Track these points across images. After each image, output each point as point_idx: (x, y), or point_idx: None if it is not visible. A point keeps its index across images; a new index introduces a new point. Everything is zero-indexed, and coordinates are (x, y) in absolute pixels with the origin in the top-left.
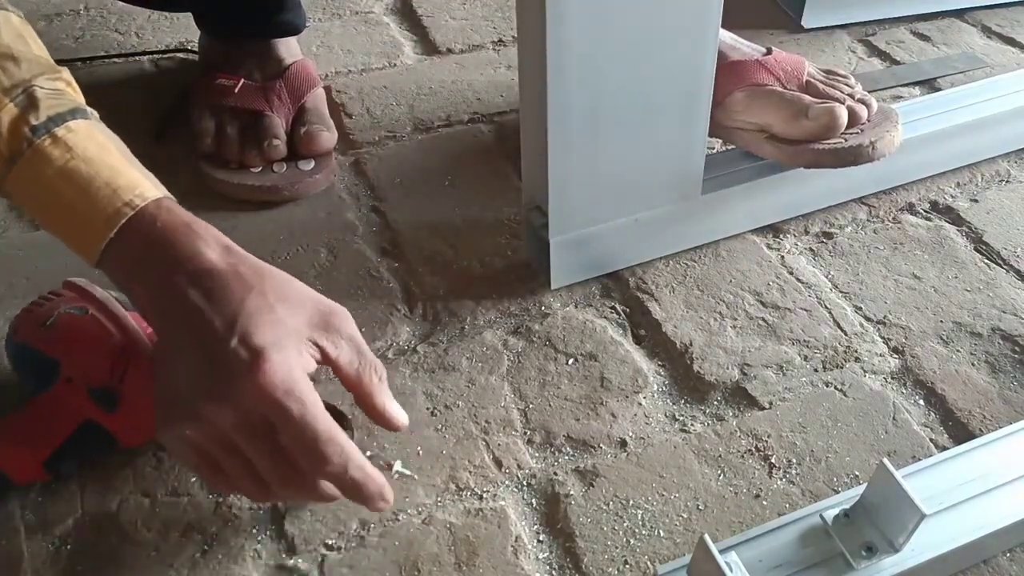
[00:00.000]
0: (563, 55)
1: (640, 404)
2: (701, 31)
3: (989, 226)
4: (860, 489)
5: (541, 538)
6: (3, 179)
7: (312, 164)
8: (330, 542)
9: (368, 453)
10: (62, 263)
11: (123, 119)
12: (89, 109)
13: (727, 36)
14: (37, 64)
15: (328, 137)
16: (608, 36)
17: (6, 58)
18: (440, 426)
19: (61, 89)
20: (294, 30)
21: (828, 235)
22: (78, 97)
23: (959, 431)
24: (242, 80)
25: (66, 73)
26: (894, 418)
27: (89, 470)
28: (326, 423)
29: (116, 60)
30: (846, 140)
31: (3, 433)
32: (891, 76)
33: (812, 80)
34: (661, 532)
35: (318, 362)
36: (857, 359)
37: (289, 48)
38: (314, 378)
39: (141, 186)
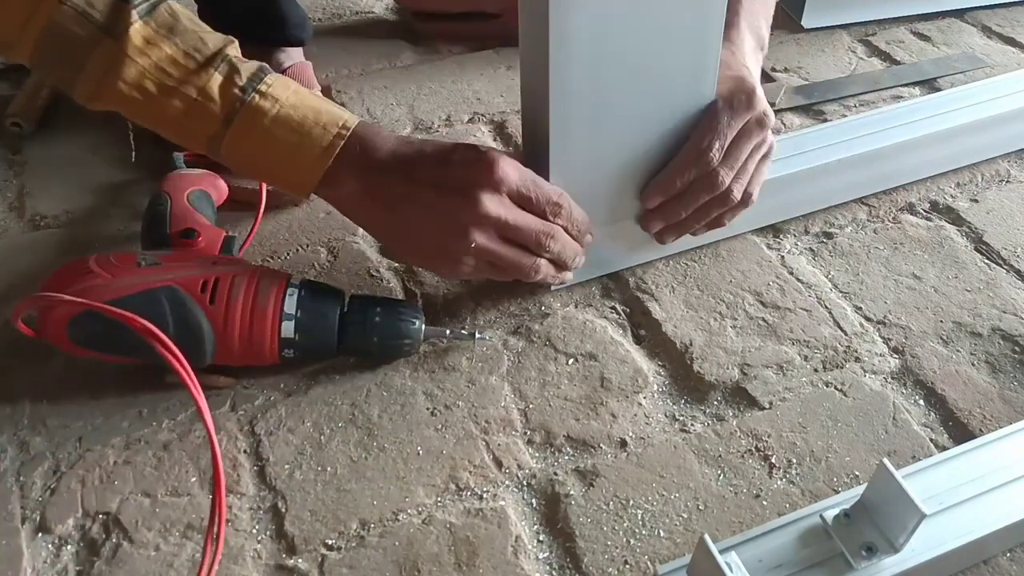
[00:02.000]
0: (565, 58)
1: (640, 404)
2: (704, 35)
3: (989, 226)
4: (860, 489)
5: (541, 538)
6: (221, 139)
7: None
8: (330, 542)
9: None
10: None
11: (123, 119)
12: (265, 64)
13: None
14: (218, 36)
15: None
16: (610, 39)
17: (199, 33)
18: (440, 426)
19: (239, 53)
20: (296, 42)
21: (828, 235)
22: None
23: (959, 431)
24: None
25: (233, 41)
26: (894, 418)
27: (90, 470)
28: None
29: None
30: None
31: None
32: (891, 76)
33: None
34: (661, 532)
35: None
36: (857, 359)
37: (288, 52)
38: None
39: (342, 117)
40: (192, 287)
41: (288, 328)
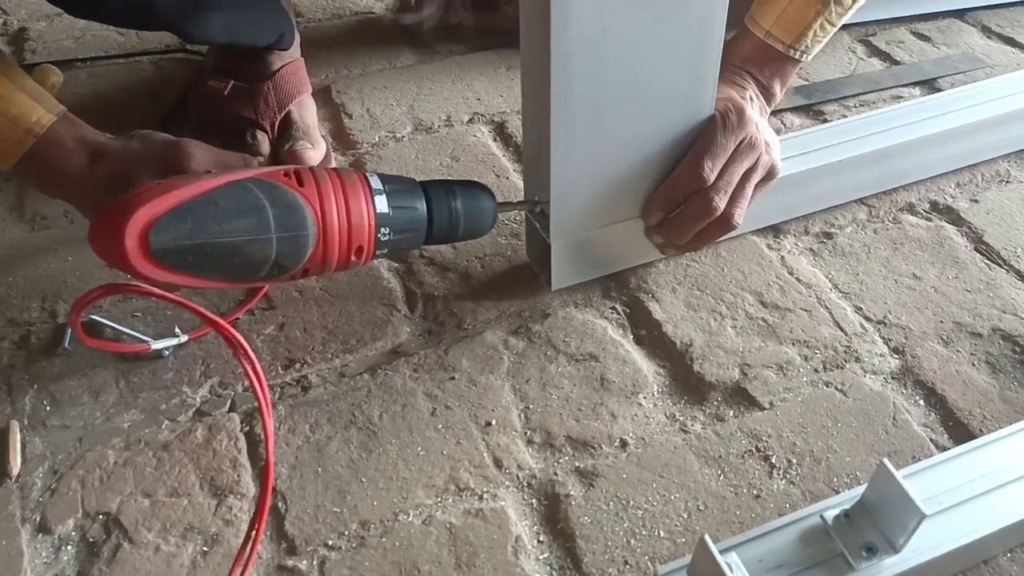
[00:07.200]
0: (566, 58)
1: (640, 404)
2: (705, 35)
3: (989, 226)
4: (860, 489)
5: (541, 538)
6: None
7: None
8: (330, 542)
9: None
10: (62, 263)
11: (123, 119)
12: None
13: None
14: None
15: (313, 155)
16: (611, 39)
17: None
18: (440, 426)
19: None
20: (278, 47)
21: (828, 235)
22: None
23: (959, 431)
24: (232, 82)
25: None
26: (894, 418)
27: (90, 470)
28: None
29: (117, 60)
30: None
31: None
32: (891, 76)
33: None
34: (661, 532)
35: None
36: (857, 359)
37: (279, 53)
38: None
39: (35, 113)
40: (275, 176)
41: (381, 202)
